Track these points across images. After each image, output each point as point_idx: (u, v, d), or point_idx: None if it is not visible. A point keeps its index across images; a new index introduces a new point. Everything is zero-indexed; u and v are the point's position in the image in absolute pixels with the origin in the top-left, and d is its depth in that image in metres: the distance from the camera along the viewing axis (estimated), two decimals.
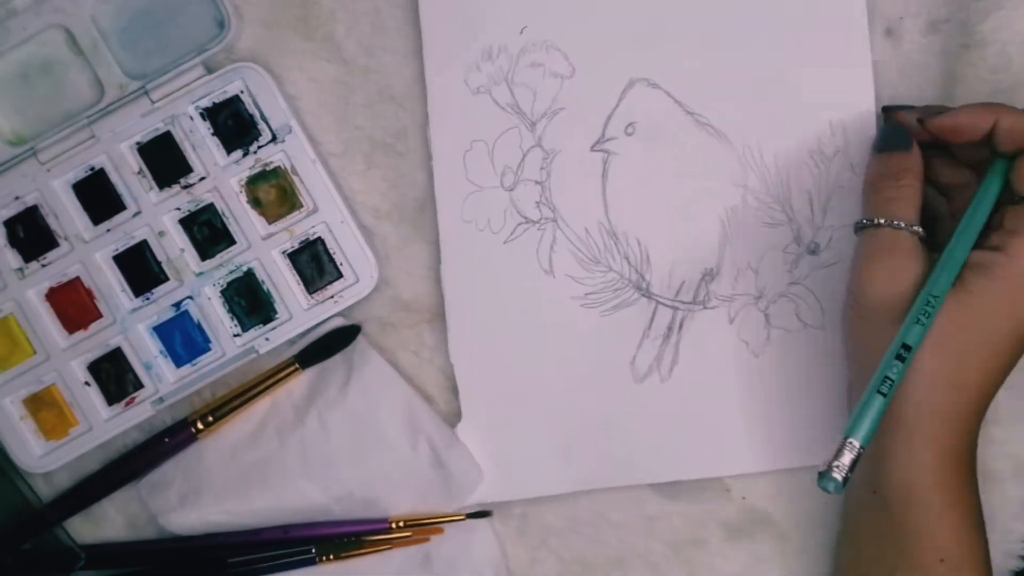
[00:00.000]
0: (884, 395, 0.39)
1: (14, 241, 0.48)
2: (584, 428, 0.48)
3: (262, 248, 0.48)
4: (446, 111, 0.48)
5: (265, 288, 0.48)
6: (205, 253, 0.48)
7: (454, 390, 0.49)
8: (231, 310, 0.49)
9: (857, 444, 0.38)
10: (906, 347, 0.39)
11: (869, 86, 0.47)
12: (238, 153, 0.48)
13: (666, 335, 0.48)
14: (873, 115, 0.47)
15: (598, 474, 0.48)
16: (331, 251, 0.48)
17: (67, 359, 0.48)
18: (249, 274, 0.48)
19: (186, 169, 0.48)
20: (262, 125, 0.48)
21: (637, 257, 0.48)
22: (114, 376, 0.49)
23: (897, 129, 0.44)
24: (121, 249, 0.48)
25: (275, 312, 0.48)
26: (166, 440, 0.49)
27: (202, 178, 0.48)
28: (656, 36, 0.47)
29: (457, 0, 0.48)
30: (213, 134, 0.48)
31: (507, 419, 0.48)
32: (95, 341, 0.48)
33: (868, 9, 0.47)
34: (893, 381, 0.39)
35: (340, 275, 0.48)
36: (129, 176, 0.48)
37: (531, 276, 0.48)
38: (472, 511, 0.49)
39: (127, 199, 0.48)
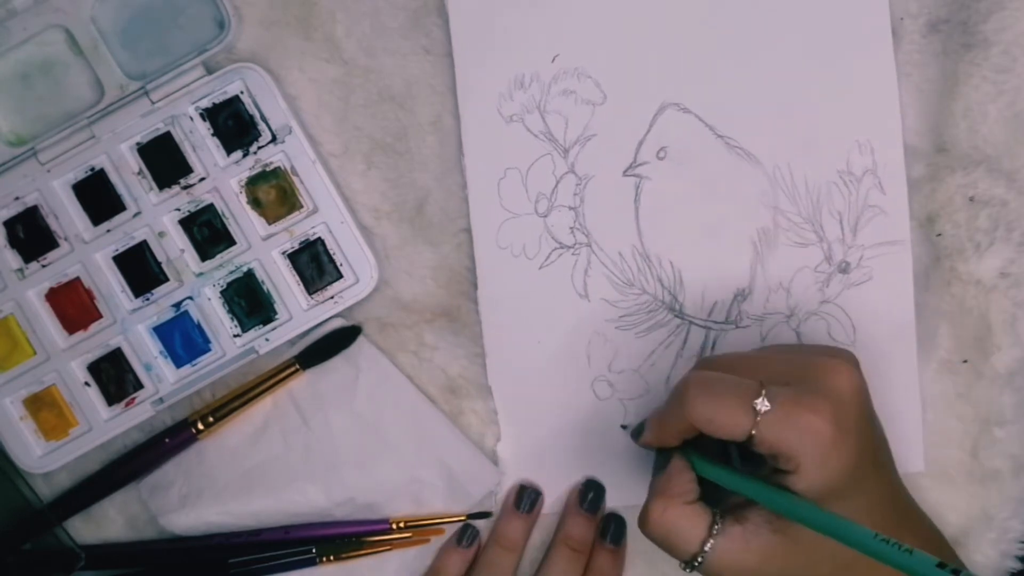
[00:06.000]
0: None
1: (14, 241, 0.48)
2: (621, 447, 0.49)
3: (262, 248, 0.48)
4: (480, 140, 0.48)
5: (265, 288, 0.48)
6: (205, 253, 0.48)
7: (454, 390, 0.49)
8: (231, 310, 0.49)
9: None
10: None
11: (895, 106, 0.47)
12: (238, 154, 0.48)
13: (699, 354, 0.48)
14: (900, 134, 0.47)
15: (633, 492, 0.49)
16: (331, 251, 0.48)
17: (67, 359, 0.48)
18: (249, 274, 0.48)
19: (186, 169, 0.48)
20: (262, 125, 0.48)
21: (670, 279, 0.48)
22: (114, 376, 0.49)
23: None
24: (121, 249, 0.48)
25: (275, 313, 0.48)
26: (166, 440, 0.49)
27: (202, 178, 0.48)
28: (686, 61, 0.48)
29: (489, 29, 0.48)
30: (213, 134, 0.48)
31: (545, 440, 0.49)
32: (95, 341, 0.48)
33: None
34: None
35: (340, 275, 0.48)
36: (129, 176, 0.48)
37: (567, 300, 0.49)
38: (472, 511, 0.49)
39: (127, 199, 0.48)
